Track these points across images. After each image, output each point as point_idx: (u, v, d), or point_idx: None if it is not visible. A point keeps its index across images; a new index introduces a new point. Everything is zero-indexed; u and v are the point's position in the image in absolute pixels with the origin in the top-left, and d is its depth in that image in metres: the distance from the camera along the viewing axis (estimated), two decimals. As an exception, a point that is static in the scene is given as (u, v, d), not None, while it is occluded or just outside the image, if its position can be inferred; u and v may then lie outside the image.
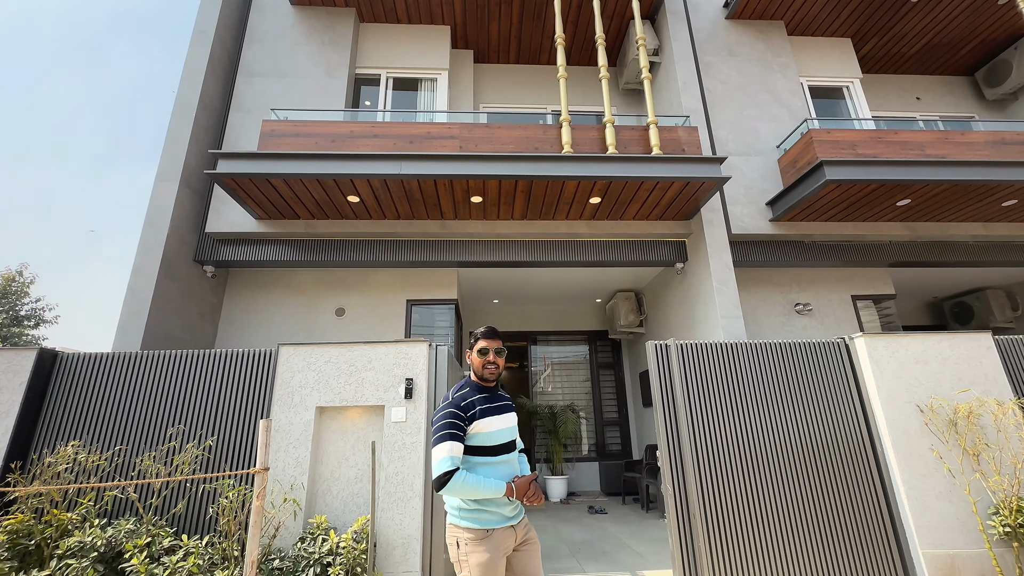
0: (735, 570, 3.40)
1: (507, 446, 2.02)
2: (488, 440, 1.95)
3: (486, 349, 2.08)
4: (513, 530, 1.92)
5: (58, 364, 3.77)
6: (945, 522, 3.45)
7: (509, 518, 1.91)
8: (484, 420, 1.96)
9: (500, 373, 2.11)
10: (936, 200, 5.91)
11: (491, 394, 2.07)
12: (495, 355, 2.09)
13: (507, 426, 2.04)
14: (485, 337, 2.11)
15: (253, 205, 5.77)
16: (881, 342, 3.90)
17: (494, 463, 1.94)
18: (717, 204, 6.23)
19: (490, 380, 2.09)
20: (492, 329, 2.13)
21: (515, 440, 2.08)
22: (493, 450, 1.96)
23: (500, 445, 1.98)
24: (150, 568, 2.85)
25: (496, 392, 2.12)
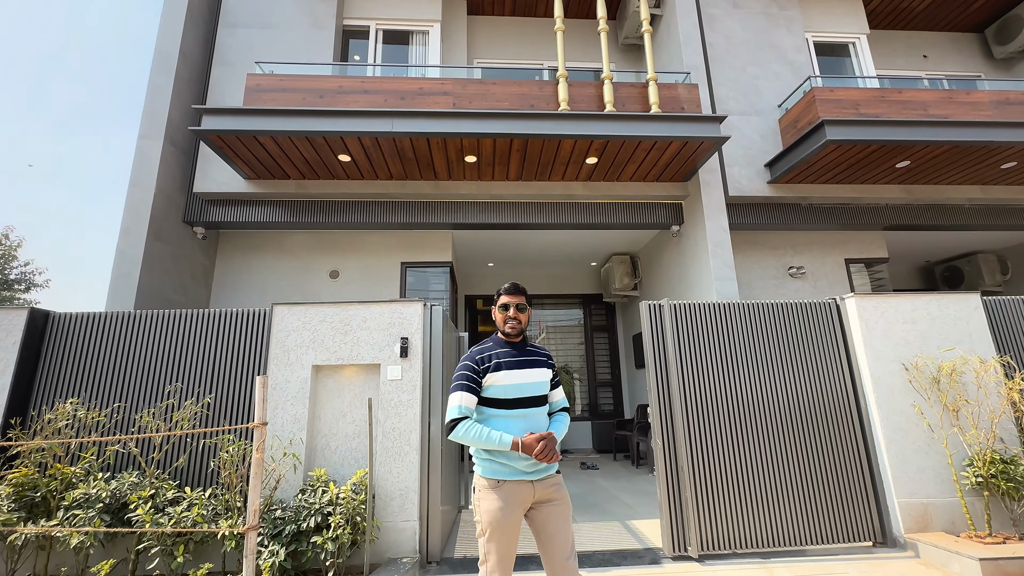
0: (719, 519, 3.56)
1: (525, 400, 1.97)
2: (502, 393, 1.97)
3: (507, 305, 2.10)
4: (532, 486, 1.90)
5: (51, 324, 3.75)
6: (921, 473, 3.60)
7: (524, 472, 1.90)
8: (499, 373, 1.98)
9: (523, 328, 2.10)
10: (936, 162, 5.84)
11: (516, 349, 2.07)
12: (516, 310, 2.09)
13: (526, 381, 1.99)
14: (507, 293, 2.12)
15: (241, 164, 5.62)
16: (871, 302, 3.94)
17: (508, 416, 1.94)
18: (715, 165, 6.14)
19: (513, 335, 2.09)
20: (515, 285, 2.14)
21: (542, 396, 2.03)
22: (507, 403, 1.96)
23: (515, 399, 1.96)
24: (155, 518, 2.94)
25: (524, 348, 2.11)
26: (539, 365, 2.07)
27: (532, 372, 2.03)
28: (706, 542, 3.51)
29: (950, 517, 3.52)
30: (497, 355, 2.04)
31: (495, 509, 1.86)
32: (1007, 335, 4.00)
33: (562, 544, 1.89)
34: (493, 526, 1.85)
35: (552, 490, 1.95)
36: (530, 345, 2.16)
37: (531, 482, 1.92)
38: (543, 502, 1.94)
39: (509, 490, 1.88)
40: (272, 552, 2.88)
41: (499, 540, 1.84)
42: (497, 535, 1.84)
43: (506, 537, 1.84)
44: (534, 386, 2.01)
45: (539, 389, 2.03)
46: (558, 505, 1.95)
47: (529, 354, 2.09)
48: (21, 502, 2.99)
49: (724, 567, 3.33)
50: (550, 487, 1.95)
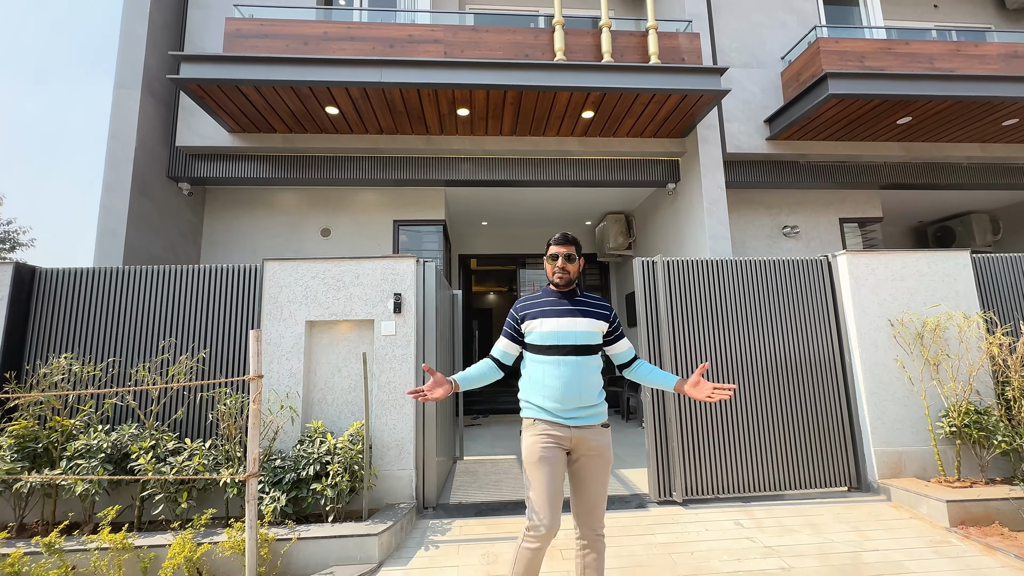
0: (704, 466, 3.72)
1: (561, 348, 1.99)
2: (538, 340, 2.04)
3: (556, 255, 2.11)
4: (568, 430, 1.95)
5: (38, 280, 3.70)
6: (898, 423, 3.75)
7: (553, 414, 1.96)
8: (537, 321, 2.06)
9: (572, 278, 2.12)
10: (938, 118, 5.74)
11: (563, 298, 2.10)
12: (564, 260, 2.09)
13: (564, 330, 2.01)
14: (556, 243, 2.13)
15: (224, 116, 5.41)
16: (862, 259, 3.97)
17: (543, 361, 2.01)
18: (714, 120, 5.99)
19: (561, 285, 2.11)
20: (565, 235, 2.14)
21: (584, 346, 2.01)
22: (542, 349, 2.03)
23: (549, 346, 2.01)
24: (157, 467, 3.02)
25: (573, 297, 2.11)
26: (587, 315, 2.06)
27: (574, 321, 2.03)
28: (690, 488, 3.68)
29: (922, 464, 3.70)
30: (539, 304, 2.10)
31: (532, 444, 1.97)
32: (992, 292, 4.07)
33: (593, 499, 1.97)
34: (530, 460, 1.96)
35: (591, 440, 1.97)
36: (584, 295, 2.15)
37: (567, 426, 1.96)
38: (582, 451, 1.98)
39: (541, 429, 1.98)
40: (274, 498, 2.98)
41: (537, 473, 1.93)
42: (535, 468, 1.94)
43: (544, 470, 1.92)
44: (573, 335, 2.01)
45: (580, 339, 2.01)
46: (596, 459, 1.98)
47: (578, 304, 2.09)
48: (23, 453, 3.05)
49: (706, 510, 3.50)
50: (589, 436, 1.97)
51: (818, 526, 3.20)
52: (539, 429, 1.98)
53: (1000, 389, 3.69)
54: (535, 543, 1.88)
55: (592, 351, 2.04)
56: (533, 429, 2.00)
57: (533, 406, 2.02)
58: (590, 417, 1.98)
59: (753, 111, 6.20)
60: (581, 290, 2.18)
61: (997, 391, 3.71)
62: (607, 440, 2.03)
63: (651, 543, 3.02)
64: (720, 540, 3.04)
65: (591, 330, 2.04)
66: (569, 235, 2.15)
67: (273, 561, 2.70)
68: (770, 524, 3.25)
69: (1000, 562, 2.70)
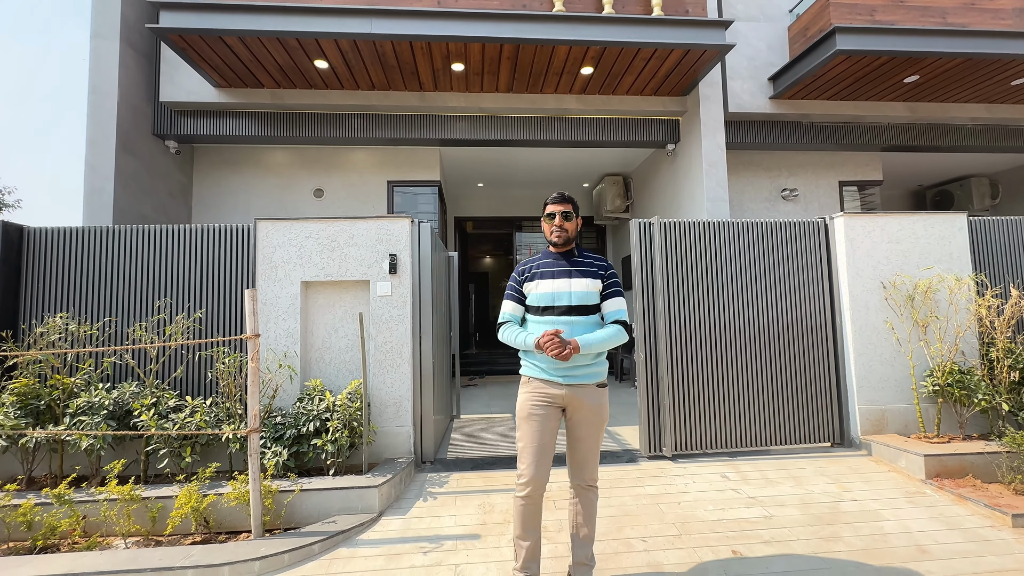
0: (693, 423, 3.83)
1: (556, 308, 2.03)
2: (536, 300, 2.09)
3: (553, 213, 2.13)
4: (561, 388, 1.99)
5: (27, 239, 3.65)
6: (884, 383, 3.85)
7: (549, 372, 2.01)
8: (534, 283, 2.11)
9: (570, 237, 2.14)
10: (946, 77, 5.58)
11: (561, 259, 2.13)
12: (562, 219, 2.11)
13: (559, 290, 2.04)
14: (553, 202, 2.14)
15: (209, 69, 5.19)
16: (859, 221, 3.96)
17: (540, 322, 2.06)
18: (716, 78, 5.81)
19: (560, 244, 2.14)
20: (561, 194, 2.16)
21: (580, 306, 2.03)
22: (539, 310, 2.07)
23: (546, 307, 2.05)
24: (160, 423, 3.08)
25: (571, 257, 2.14)
26: (584, 275, 2.08)
27: (570, 282, 2.06)
28: (680, 443, 3.80)
29: (904, 422, 3.83)
30: (537, 266, 2.14)
31: (525, 400, 2.06)
32: (986, 255, 4.09)
33: (584, 449, 2.05)
34: (521, 415, 2.05)
35: (584, 399, 2.01)
36: (582, 255, 2.17)
37: (561, 384, 2.00)
38: (575, 411, 2.03)
39: (536, 386, 2.04)
40: (275, 452, 3.06)
41: (528, 428, 2.01)
42: (524, 424, 2.03)
43: (531, 427, 2.00)
44: (568, 295, 2.04)
45: (576, 299, 2.04)
46: (588, 415, 2.02)
47: (575, 264, 2.11)
48: (27, 410, 3.09)
49: (694, 464, 3.64)
50: (582, 395, 2.01)
51: (800, 479, 3.34)
52: (533, 387, 2.05)
53: (985, 350, 3.78)
54: (523, 493, 1.98)
55: (589, 311, 2.05)
56: (528, 386, 2.07)
57: (530, 364, 2.09)
58: (585, 376, 2.01)
59: (757, 68, 6.01)
60: (580, 250, 2.19)
61: (982, 352, 3.80)
62: (602, 399, 2.05)
63: (640, 494, 3.15)
64: (706, 491, 3.17)
65: (587, 290, 2.05)
66: (566, 194, 2.16)
67: (277, 511, 2.80)
68: (755, 477, 3.39)
69: (970, 511, 2.84)
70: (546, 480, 2.00)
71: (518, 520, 2.02)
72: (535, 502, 2.00)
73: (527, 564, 2.02)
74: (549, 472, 2.01)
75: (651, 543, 2.54)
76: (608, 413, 2.09)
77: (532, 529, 2.01)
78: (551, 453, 2.01)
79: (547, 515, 2.82)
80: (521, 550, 2.03)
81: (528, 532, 2.01)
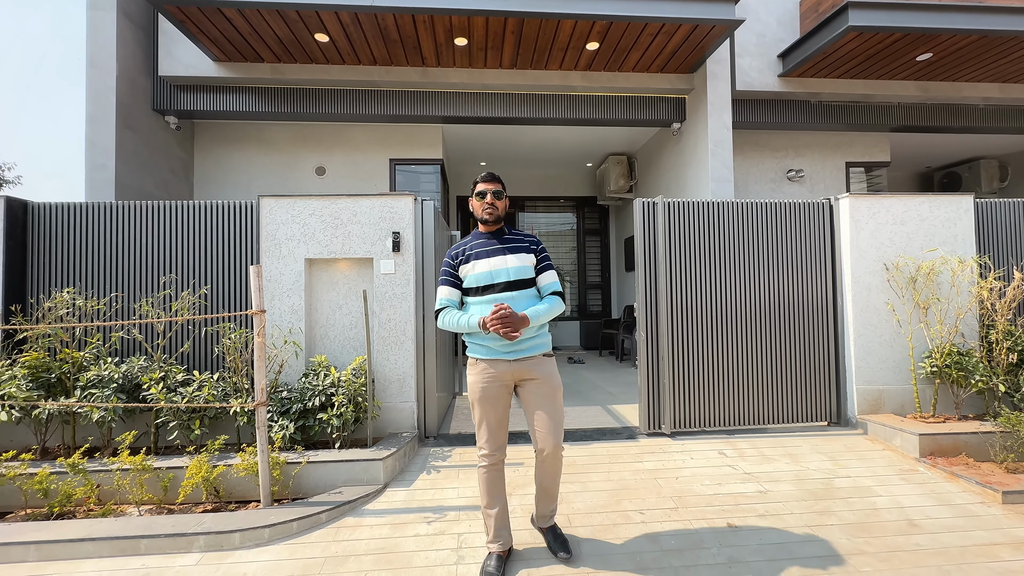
0: (693, 401, 3.89)
1: (496, 287, 2.10)
2: (474, 281, 2.13)
3: (484, 192, 2.18)
4: (509, 364, 2.08)
5: (31, 214, 3.66)
6: (882, 364, 3.88)
7: (498, 352, 2.08)
8: (469, 264, 2.15)
9: (500, 215, 2.19)
10: (960, 55, 5.46)
11: (492, 238, 2.19)
12: (493, 197, 2.17)
13: (496, 268, 2.11)
14: (484, 181, 2.19)
15: (207, 42, 5.10)
16: (865, 202, 3.93)
17: (481, 302, 2.11)
18: (724, 55, 5.69)
19: (490, 222, 2.18)
20: (491, 173, 2.22)
21: (518, 281, 2.11)
22: (478, 290, 2.13)
23: (485, 286, 2.11)
24: (169, 397, 3.14)
25: (502, 236, 2.20)
26: (517, 251, 2.16)
27: (506, 258, 2.13)
28: (679, 421, 3.87)
29: (900, 402, 3.88)
30: (470, 247, 2.19)
31: (474, 383, 2.14)
32: (990, 237, 4.07)
33: (541, 419, 2.11)
34: (474, 397, 2.14)
35: (532, 370, 2.11)
36: (511, 232, 2.24)
37: (508, 361, 2.09)
38: (525, 380, 2.13)
39: (485, 367, 2.12)
40: (282, 426, 3.13)
41: (481, 409, 2.13)
42: (478, 405, 2.13)
43: (485, 407, 2.11)
44: (505, 272, 2.11)
45: (513, 274, 2.11)
46: (538, 384, 2.12)
47: (506, 241, 2.18)
48: (38, 382, 3.15)
49: (692, 441, 3.71)
50: (530, 367, 2.11)
51: (796, 456, 3.41)
52: (480, 368, 2.13)
53: (984, 332, 3.80)
54: (485, 463, 2.13)
55: (525, 285, 2.14)
56: (475, 368, 2.15)
57: (476, 345, 2.15)
58: (530, 349, 2.11)
59: (767, 45, 5.88)
60: (508, 228, 2.27)
61: (981, 334, 3.82)
62: (550, 368, 2.17)
63: (639, 469, 3.22)
64: (703, 467, 3.24)
65: (522, 264, 2.14)
66: (495, 173, 2.23)
67: (285, 482, 2.88)
68: (751, 454, 3.45)
69: (961, 488, 2.90)
70: (504, 446, 2.16)
71: (484, 489, 2.15)
72: (498, 468, 2.15)
73: (498, 533, 2.16)
74: (506, 440, 2.18)
75: (648, 515, 2.61)
76: (560, 381, 2.19)
77: (498, 495, 2.15)
78: (506, 424, 2.17)
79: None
80: (490, 519, 2.16)
81: (495, 499, 2.15)
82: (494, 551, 2.16)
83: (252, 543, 2.40)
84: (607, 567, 2.17)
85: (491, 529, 2.17)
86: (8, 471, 2.74)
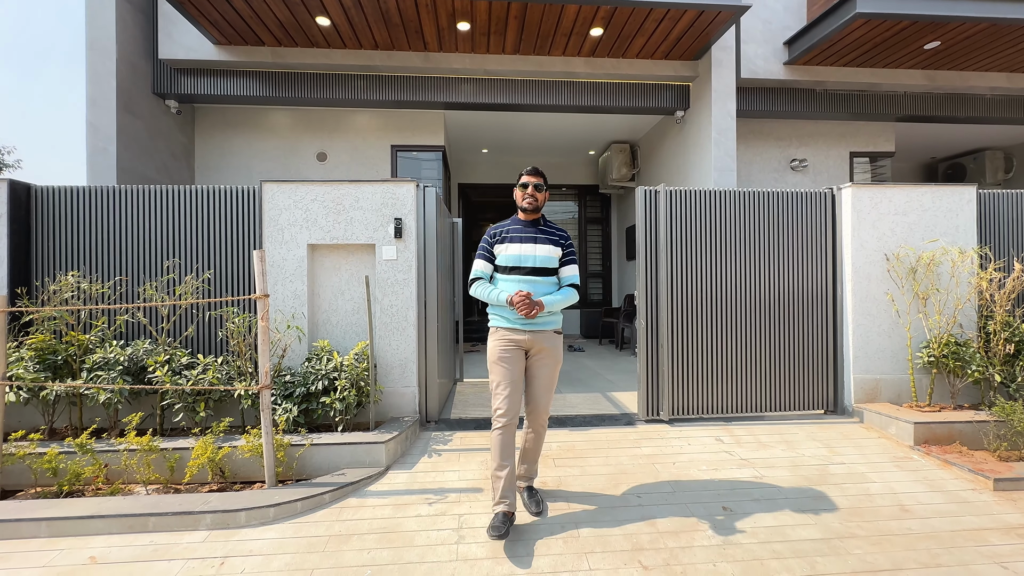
0: (691, 389, 3.93)
1: (522, 269, 2.40)
2: (505, 261, 2.44)
3: (527, 184, 2.46)
4: (524, 334, 2.38)
5: (34, 198, 3.67)
6: (880, 353, 3.91)
7: (512, 322, 2.39)
8: (504, 244, 2.45)
9: (539, 206, 2.47)
10: (968, 43, 5.40)
11: (528, 225, 2.48)
12: (534, 189, 2.45)
13: (526, 253, 2.41)
14: (528, 174, 2.47)
15: (207, 25, 5.06)
16: (867, 192, 3.93)
17: (507, 279, 2.42)
18: (730, 41, 5.64)
19: (529, 211, 2.47)
20: (536, 168, 2.49)
21: (543, 268, 2.41)
22: (507, 269, 2.43)
23: (514, 267, 2.40)
24: (174, 379, 3.18)
25: (538, 226, 2.49)
26: (547, 242, 2.45)
27: (535, 247, 2.43)
28: (677, 408, 3.91)
29: (897, 391, 3.91)
30: (508, 230, 2.48)
31: (494, 347, 2.43)
32: (992, 228, 4.07)
33: (540, 384, 2.45)
34: (492, 359, 2.42)
35: (542, 342, 2.42)
36: (546, 225, 2.52)
37: (524, 331, 2.39)
38: (535, 353, 2.44)
39: (502, 334, 2.43)
40: (286, 409, 3.18)
41: (500, 369, 2.38)
42: (496, 366, 2.40)
43: (504, 367, 2.37)
44: (533, 258, 2.41)
45: (539, 261, 2.41)
46: (543, 356, 2.45)
47: (540, 232, 2.47)
48: (45, 364, 3.20)
49: (690, 428, 3.76)
50: (541, 340, 2.42)
51: (792, 443, 3.46)
52: (500, 335, 2.43)
53: (983, 323, 3.82)
54: (500, 424, 2.33)
55: (548, 272, 2.45)
56: (496, 335, 2.45)
57: (497, 316, 2.46)
58: (544, 324, 2.42)
59: (773, 32, 5.81)
60: (546, 220, 2.55)
61: (980, 324, 3.84)
62: (557, 343, 2.49)
63: (636, 454, 3.27)
64: (700, 453, 3.29)
65: (548, 255, 2.43)
66: (539, 169, 2.49)
67: (288, 463, 2.94)
68: (748, 440, 3.50)
69: (954, 475, 2.95)
70: (518, 410, 2.37)
71: (496, 450, 2.33)
72: (511, 431, 2.34)
73: (505, 493, 2.31)
74: (520, 403, 2.41)
75: (645, 499, 2.66)
76: (562, 356, 2.52)
77: (508, 457, 2.33)
78: (521, 387, 2.41)
79: (547, 472, 2.93)
80: (499, 481, 2.32)
81: (505, 460, 2.32)
82: (500, 511, 2.29)
83: (257, 522, 2.46)
84: (605, 548, 2.22)
85: (499, 491, 2.32)
86: (18, 450, 2.79)
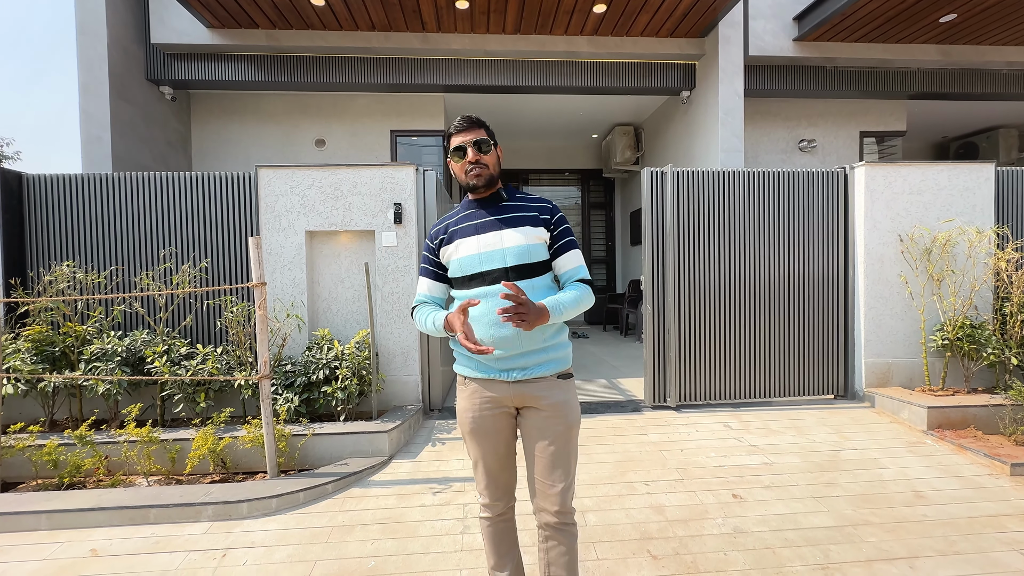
0: (699, 375, 3.86)
1: (487, 275, 1.40)
2: (460, 269, 1.45)
3: (462, 146, 1.43)
4: (507, 386, 1.41)
5: (27, 186, 3.60)
6: (892, 336, 3.83)
7: (488, 368, 1.42)
8: (452, 245, 1.46)
9: (492, 175, 1.46)
10: (984, 16, 5.20)
11: (483, 208, 1.48)
12: (475, 151, 1.42)
13: (487, 249, 1.41)
14: (459, 131, 1.45)
15: (199, 7, 4.92)
16: (881, 171, 3.80)
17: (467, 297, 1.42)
18: (738, 17, 5.45)
19: (480, 187, 1.45)
20: (467, 118, 1.46)
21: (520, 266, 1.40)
22: (465, 281, 1.44)
23: (472, 275, 1.42)
24: (173, 370, 3.14)
25: (498, 203, 1.48)
26: (520, 223, 1.43)
27: (499, 236, 1.42)
28: (684, 394, 3.85)
29: (909, 375, 3.84)
30: (455, 222, 1.49)
31: (464, 410, 1.49)
32: (1010, 207, 3.95)
33: (544, 464, 1.41)
34: (464, 429, 1.49)
35: (541, 396, 1.41)
36: (513, 198, 1.50)
37: (506, 382, 1.41)
38: (528, 408, 1.44)
39: (475, 389, 1.46)
40: (287, 399, 3.13)
41: (475, 445, 1.48)
42: (471, 440, 1.48)
43: (480, 442, 1.46)
44: (500, 254, 1.40)
45: (511, 258, 1.40)
46: (543, 415, 1.42)
47: (504, 211, 1.46)
48: (42, 356, 3.16)
49: (697, 414, 3.70)
50: (538, 391, 1.41)
51: (802, 428, 3.40)
52: (471, 390, 1.47)
53: (999, 304, 3.72)
54: (486, 514, 1.54)
55: (533, 271, 1.42)
56: (465, 390, 1.49)
57: (463, 356, 1.48)
58: (538, 367, 1.41)
59: (782, 6, 5.62)
60: (510, 190, 1.52)
61: (996, 306, 3.75)
62: (566, 395, 1.44)
63: (644, 442, 3.22)
64: (709, 440, 3.24)
65: (525, 243, 1.41)
66: (473, 117, 1.47)
67: (290, 453, 2.90)
68: (757, 426, 3.44)
69: (969, 460, 2.89)
70: (512, 491, 1.54)
71: (489, 547, 1.56)
72: (505, 520, 1.55)
73: None
74: (515, 481, 1.54)
75: (653, 487, 2.61)
76: (578, 416, 1.47)
77: (508, 554, 1.55)
78: (513, 463, 1.52)
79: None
80: None
81: (504, 559, 1.54)
82: None
83: (259, 513, 2.42)
84: (613, 537, 2.17)
85: None
86: (18, 443, 2.76)
